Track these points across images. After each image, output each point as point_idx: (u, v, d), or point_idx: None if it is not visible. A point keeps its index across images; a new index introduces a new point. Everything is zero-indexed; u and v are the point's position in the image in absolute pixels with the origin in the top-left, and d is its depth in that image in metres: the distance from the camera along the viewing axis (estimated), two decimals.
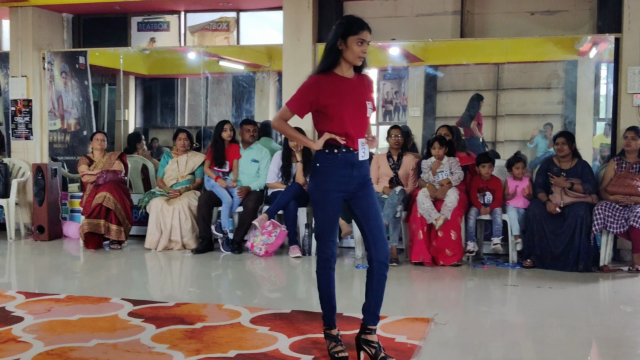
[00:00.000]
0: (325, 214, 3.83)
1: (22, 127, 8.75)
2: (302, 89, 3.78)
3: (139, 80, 9.98)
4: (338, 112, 3.72)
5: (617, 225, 6.25)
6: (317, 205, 3.86)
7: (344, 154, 3.75)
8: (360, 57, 3.73)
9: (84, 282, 6.22)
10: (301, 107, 3.77)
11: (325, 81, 3.73)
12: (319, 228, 3.88)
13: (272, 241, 6.99)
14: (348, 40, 3.68)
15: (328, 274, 3.91)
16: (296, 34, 7.79)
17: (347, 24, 3.71)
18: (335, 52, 3.71)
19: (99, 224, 7.36)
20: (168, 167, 7.81)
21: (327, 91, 3.71)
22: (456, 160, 6.91)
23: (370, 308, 3.85)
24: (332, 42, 3.71)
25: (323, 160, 3.78)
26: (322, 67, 3.77)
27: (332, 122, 3.73)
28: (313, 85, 3.74)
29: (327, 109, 3.72)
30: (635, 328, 4.64)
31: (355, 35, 3.67)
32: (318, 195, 3.83)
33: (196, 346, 4.06)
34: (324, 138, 3.72)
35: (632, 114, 6.93)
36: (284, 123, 3.85)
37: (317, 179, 3.82)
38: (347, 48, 3.69)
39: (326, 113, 3.73)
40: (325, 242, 3.87)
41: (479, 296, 5.69)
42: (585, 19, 7.56)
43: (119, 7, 8.76)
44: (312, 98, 3.72)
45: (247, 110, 9.29)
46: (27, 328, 4.43)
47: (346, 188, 3.79)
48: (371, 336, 3.83)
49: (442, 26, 7.93)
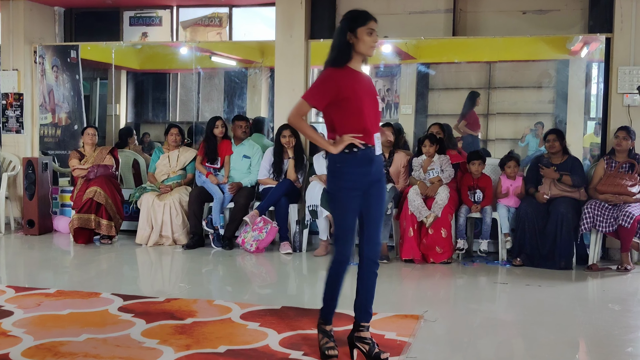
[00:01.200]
0: (347, 214, 3.74)
1: (13, 121, 8.71)
2: (320, 82, 3.73)
3: (130, 74, 9.94)
4: (357, 106, 3.68)
5: (606, 224, 6.29)
6: (338, 206, 3.77)
7: (363, 152, 3.70)
8: (372, 47, 3.71)
9: (74, 277, 6.21)
10: (320, 100, 3.69)
11: (342, 75, 3.69)
12: (340, 229, 3.79)
13: (263, 237, 6.99)
14: (358, 32, 3.66)
15: (341, 276, 3.84)
16: (289, 30, 7.78)
17: (353, 17, 3.71)
18: (347, 46, 3.68)
19: (90, 218, 7.35)
20: (159, 163, 7.79)
21: (346, 85, 3.67)
22: (447, 158, 6.93)
23: (363, 305, 3.86)
24: (341, 37, 3.68)
25: (343, 161, 3.70)
26: (336, 62, 3.71)
27: (351, 116, 3.68)
28: (332, 78, 3.69)
29: (346, 102, 3.67)
30: (623, 326, 4.67)
31: (364, 26, 3.67)
32: (341, 196, 3.74)
33: (186, 341, 4.07)
34: (343, 142, 3.65)
35: (622, 113, 6.97)
36: (302, 120, 3.76)
37: (337, 179, 3.74)
38: (358, 40, 3.67)
39: (345, 107, 3.68)
40: (345, 244, 3.79)
41: (469, 294, 5.71)
42: (577, 18, 7.59)
43: (111, 2, 8.73)
44: (333, 91, 3.66)
45: (239, 106, 9.27)
46: (16, 322, 4.42)
47: (364, 185, 3.75)
48: (365, 333, 3.85)
49: (435, 24, 7.94)
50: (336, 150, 3.67)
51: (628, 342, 4.33)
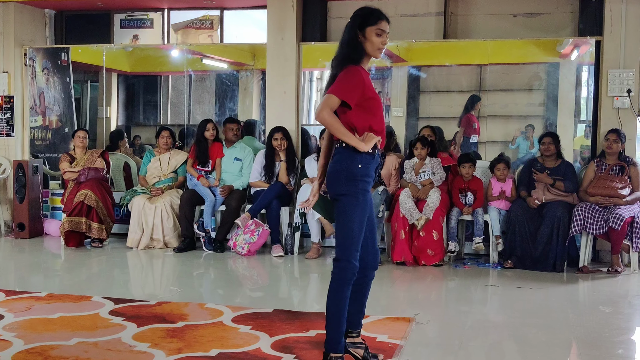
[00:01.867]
0: (361, 221, 3.50)
1: (3, 124, 8.67)
2: (350, 78, 3.44)
3: (121, 77, 9.92)
4: (378, 106, 3.53)
5: (597, 226, 6.31)
6: (351, 212, 3.47)
7: (377, 154, 3.56)
8: (380, 48, 3.52)
9: (64, 280, 6.19)
10: (351, 96, 3.42)
11: (365, 74, 3.51)
12: (351, 237, 3.49)
13: (255, 240, 6.98)
14: (366, 32, 3.48)
15: (350, 285, 3.52)
16: (280, 33, 7.79)
17: (363, 15, 3.51)
18: (354, 45, 3.49)
19: (80, 221, 7.32)
20: (150, 165, 7.78)
21: (369, 84, 3.50)
22: (438, 160, 6.95)
23: (360, 313, 3.79)
24: (351, 35, 3.50)
25: (364, 161, 3.47)
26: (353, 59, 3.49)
27: (374, 117, 3.50)
28: (360, 75, 3.46)
29: (369, 102, 3.49)
30: (614, 328, 4.69)
31: (373, 25, 3.48)
32: (355, 201, 3.48)
33: (178, 345, 4.06)
34: (372, 139, 3.44)
35: (612, 116, 7.01)
36: (333, 115, 3.41)
37: (357, 181, 3.47)
38: (365, 40, 3.49)
39: (368, 107, 3.49)
40: (355, 253, 3.50)
41: (460, 296, 5.72)
42: (567, 21, 7.63)
43: (101, 4, 8.71)
44: (360, 89, 3.44)
45: (231, 109, 9.26)
46: (7, 326, 4.40)
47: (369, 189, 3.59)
48: (357, 338, 3.80)
49: (426, 27, 7.96)
50: (367, 147, 3.42)
51: (619, 344, 4.34)
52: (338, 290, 3.50)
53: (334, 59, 3.57)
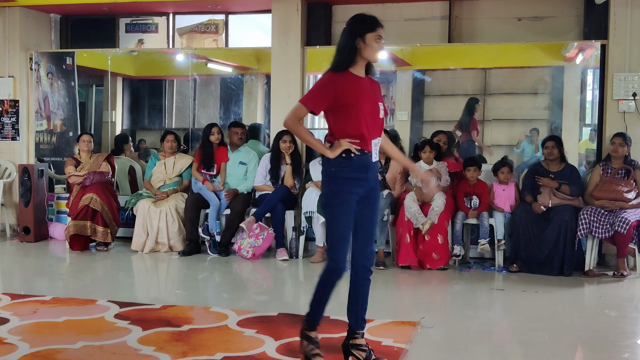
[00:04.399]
0: (343, 221, 3.68)
1: (9, 128, 8.69)
2: (319, 86, 3.69)
3: (126, 81, 9.94)
4: (355, 111, 3.64)
5: (602, 230, 6.30)
6: (333, 212, 3.69)
7: (359, 157, 3.67)
8: (378, 54, 3.72)
9: (70, 284, 6.20)
10: (318, 105, 3.67)
11: (342, 79, 3.65)
12: (335, 237, 3.70)
13: (260, 244, 6.98)
14: (367, 38, 3.64)
15: (333, 286, 3.76)
16: (285, 37, 7.80)
17: (363, 22, 3.67)
18: (353, 51, 3.65)
19: (85, 225, 7.33)
20: (155, 169, 7.78)
21: (346, 89, 3.64)
22: (444, 164, 6.94)
23: (358, 313, 3.82)
24: (349, 41, 3.65)
25: (338, 165, 3.66)
26: (339, 65, 3.68)
27: (349, 121, 3.65)
28: (331, 82, 3.65)
29: (344, 107, 3.63)
30: (620, 332, 4.68)
31: (373, 32, 3.65)
32: (335, 201, 3.67)
33: (183, 349, 4.06)
34: (340, 147, 3.62)
35: (617, 120, 6.99)
36: (300, 125, 3.70)
37: (332, 184, 3.70)
38: (366, 45, 3.64)
39: (343, 112, 3.65)
40: (341, 252, 3.69)
41: (465, 300, 5.71)
42: (572, 25, 7.62)
43: (107, 8, 8.73)
44: (331, 95, 3.63)
45: (235, 113, 9.28)
46: (12, 330, 4.41)
47: (359, 191, 3.70)
48: (360, 340, 3.82)
49: (430, 31, 7.96)
50: (333, 154, 3.63)
51: (624, 348, 4.33)
52: (320, 283, 3.78)
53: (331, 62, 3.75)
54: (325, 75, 3.69)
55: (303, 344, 3.85)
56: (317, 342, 3.86)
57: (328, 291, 3.78)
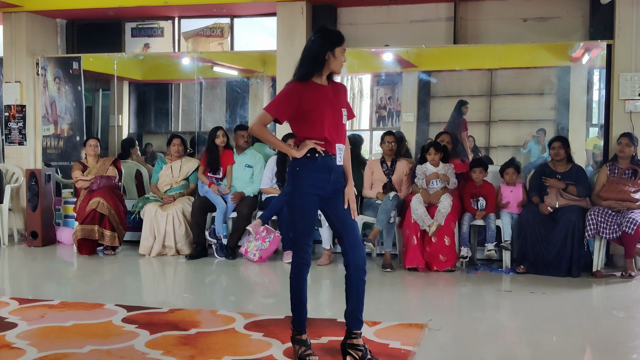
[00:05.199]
0: (304, 218, 3.88)
1: (16, 133, 8.73)
2: (282, 95, 3.88)
3: (132, 85, 9.97)
4: (318, 118, 3.84)
5: (610, 230, 6.28)
6: (295, 209, 3.90)
7: (323, 158, 3.86)
8: (342, 65, 3.92)
9: (77, 288, 6.21)
10: (282, 113, 3.85)
11: (305, 88, 3.85)
12: (297, 233, 3.92)
13: (266, 247, 6.99)
14: (336, 51, 3.85)
15: (303, 280, 3.95)
16: (290, 40, 7.81)
17: (332, 36, 3.87)
18: (321, 62, 3.84)
19: (93, 229, 7.35)
20: (162, 173, 7.80)
21: (308, 98, 3.83)
22: (451, 166, 6.92)
23: (354, 313, 3.90)
24: (318, 52, 3.84)
25: (302, 165, 3.86)
26: (303, 75, 3.87)
27: (312, 127, 3.85)
28: (294, 91, 3.84)
29: (307, 114, 3.84)
30: (628, 333, 4.66)
31: (340, 46, 3.86)
32: (297, 199, 3.87)
33: (190, 352, 4.06)
34: (306, 146, 3.83)
35: (624, 119, 6.97)
36: (263, 128, 3.92)
37: (295, 183, 3.88)
38: (335, 59, 3.85)
39: (307, 119, 3.85)
40: (303, 247, 3.91)
41: (473, 302, 5.70)
42: (578, 25, 7.60)
43: (113, 13, 8.75)
44: (294, 104, 3.82)
45: (241, 116, 9.29)
46: (20, 334, 4.42)
47: (323, 192, 3.88)
48: (357, 340, 3.88)
49: (436, 32, 7.96)
50: (299, 154, 3.83)
51: (633, 349, 4.31)
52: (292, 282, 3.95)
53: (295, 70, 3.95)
54: (290, 85, 3.89)
55: (295, 349, 3.95)
56: (309, 343, 3.95)
57: (301, 289, 3.94)
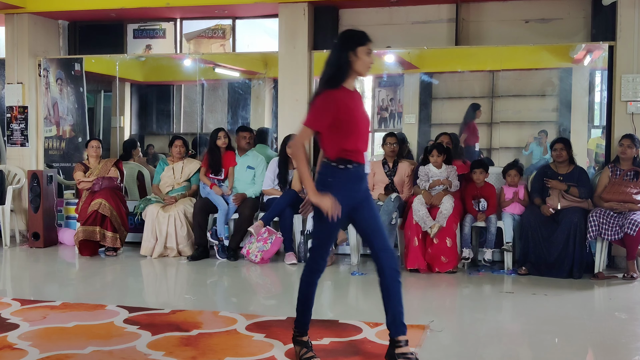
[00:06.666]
0: (330, 228, 3.77)
1: (18, 134, 8.74)
2: (319, 106, 3.67)
3: (134, 87, 9.98)
4: (354, 127, 3.71)
5: (612, 232, 6.27)
6: (322, 217, 3.72)
7: (356, 169, 3.75)
8: (369, 67, 3.74)
9: (79, 289, 6.21)
10: (322, 125, 3.68)
11: (340, 96, 3.67)
12: (319, 240, 3.86)
13: (268, 248, 6.98)
14: (358, 52, 3.66)
15: (314, 285, 3.93)
16: (292, 41, 7.81)
17: (354, 36, 3.71)
18: (347, 65, 3.68)
19: (95, 230, 7.35)
20: (164, 174, 7.80)
21: (344, 107, 3.67)
22: (454, 168, 6.92)
23: (396, 318, 3.79)
24: (341, 55, 3.67)
25: (335, 175, 3.73)
26: (334, 82, 3.69)
27: (347, 137, 3.70)
28: (331, 100, 3.66)
29: (342, 124, 3.67)
30: (630, 335, 4.66)
31: (364, 46, 3.69)
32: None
33: (192, 353, 4.06)
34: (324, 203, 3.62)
35: (626, 121, 6.97)
36: (303, 149, 3.68)
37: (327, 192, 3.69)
38: (357, 59, 3.67)
39: (341, 128, 3.68)
40: (322, 254, 3.87)
41: (475, 303, 5.69)
42: (580, 27, 7.60)
43: (115, 14, 8.76)
44: (332, 114, 3.64)
45: (243, 117, 9.30)
46: (22, 335, 4.42)
47: (352, 202, 3.77)
48: (405, 348, 3.77)
49: (437, 34, 7.96)
50: (317, 201, 3.65)
51: (635, 351, 4.31)
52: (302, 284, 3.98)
53: (320, 78, 3.77)
54: (324, 93, 3.68)
55: (296, 350, 3.93)
56: (310, 345, 3.93)
57: (310, 293, 3.94)
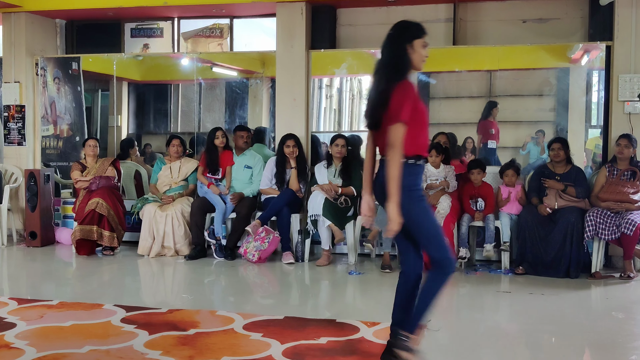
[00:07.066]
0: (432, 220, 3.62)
1: (15, 133, 8.72)
2: (408, 97, 3.48)
3: (132, 86, 9.97)
4: (424, 120, 3.59)
5: (609, 232, 6.28)
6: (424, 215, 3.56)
7: (422, 164, 3.64)
8: (424, 60, 3.61)
9: (76, 289, 6.21)
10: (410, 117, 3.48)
11: (412, 86, 3.55)
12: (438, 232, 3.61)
13: (265, 247, 6.98)
14: (414, 44, 3.56)
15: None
16: (289, 40, 7.80)
17: (411, 28, 3.60)
18: (408, 57, 3.55)
19: (92, 230, 7.34)
20: (161, 174, 7.80)
21: (417, 96, 3.55)
22: (452, 168, 6.92)
23: None
24: (401, 48, 3.55)
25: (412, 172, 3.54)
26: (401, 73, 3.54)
27: (420, 131, 3.56)
28: (410, 90, 3.51)
29: (418, 115, 3.52)
30: (627, 334, 4.66)
31: (421, 38, 3.58)
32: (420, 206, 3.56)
33: (189, 352, 4.06)
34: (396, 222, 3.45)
35: (623, 121, 6.97)
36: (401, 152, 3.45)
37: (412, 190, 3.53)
38: (414, 52, 3.56)
39: (417, 120, 3.52)
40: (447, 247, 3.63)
41: (472, 303, 5.70)
42: (577, 27, 7.61)
43: (112, 14, 8.75)
44: (412, 104, 3.48)
45: (241, 117, 9.29)
46: (19, 334, 4.42)
47: None
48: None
49: (435, 34, 7.94)
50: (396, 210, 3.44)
51: (632, 350, 4.32)
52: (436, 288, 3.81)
53: (380, 73, 3.60)
54: (400, 85, 3.50)
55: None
56: None
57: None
